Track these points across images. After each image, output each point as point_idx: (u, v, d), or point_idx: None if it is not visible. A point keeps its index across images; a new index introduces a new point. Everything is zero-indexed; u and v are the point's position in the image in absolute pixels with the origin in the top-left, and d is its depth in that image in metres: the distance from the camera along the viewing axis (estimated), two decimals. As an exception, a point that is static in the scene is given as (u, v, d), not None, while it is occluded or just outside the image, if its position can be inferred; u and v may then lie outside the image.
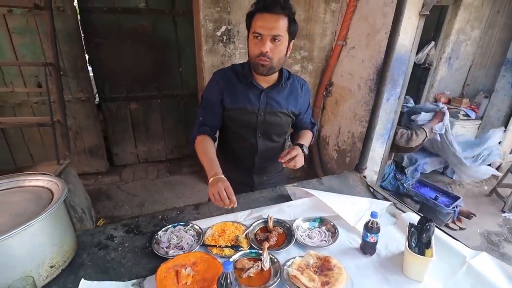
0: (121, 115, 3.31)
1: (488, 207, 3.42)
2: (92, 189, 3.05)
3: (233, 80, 1.26)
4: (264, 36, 1.08)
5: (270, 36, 1.08)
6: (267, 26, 1.06)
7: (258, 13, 1.08)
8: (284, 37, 1.11)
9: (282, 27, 1.08)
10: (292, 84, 1.31)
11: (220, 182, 1.08)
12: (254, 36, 1.10)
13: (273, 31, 1.07)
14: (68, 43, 2.72)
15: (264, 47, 1.08)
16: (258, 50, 1.10)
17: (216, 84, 1.27)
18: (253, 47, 1.12)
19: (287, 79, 1.30)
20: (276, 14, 1.06)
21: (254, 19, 1.09)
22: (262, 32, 1.07)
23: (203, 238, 1.10)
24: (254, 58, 1.13)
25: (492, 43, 3.76)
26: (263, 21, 1.06)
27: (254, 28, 1.09)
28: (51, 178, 1.07)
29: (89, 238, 1.12)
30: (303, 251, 1.08)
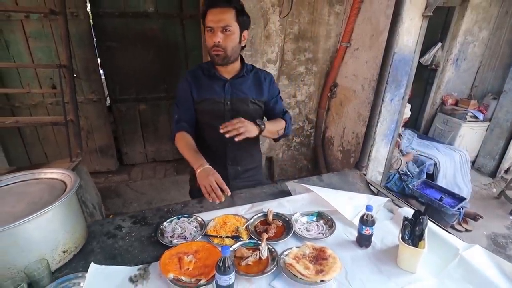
0: (131, 116, 3.41)
1: (496, 209, 3.38)
2: (102, 187, 3.15)
3: (200, 75, 1.38)
4: (215, 29, 1.19)
5: (220, 27, 1.19)
6: (215, 19, 1.18)
7: (208, 9, 1.20)
8: (234, 27, 1.21)
9: (230, 18, 1.19)
10: (255, 75, 1.42)
11: (210, 174, 1.16)
12: (207, 30, 1.22)
13: (221, 22, 1.18)
14: (81, 47, 2.84)
15: (216, 37, 1.20)
16: (211, 41, 1.21)
17: (185, 81, 1.38)
18: (207, 40, 1.23)
19: (250, 71, 1.40)
20: (222, 8, 1.18)
21: (207, 15, 1.20)
22: (212, 25, 1.19)
23: (205, 229, 1.16)
24: (210, 50, 1.24)
25: (500, 44, 3.72)
26: (212, 15, 1.19)
27: (206, 23, 1.21)
28: (65, 171, 1.15)
29: (99, 227, 1.19)
30: (300, 242, 1.13)
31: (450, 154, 3.34)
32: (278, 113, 1.48)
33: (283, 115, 1.49)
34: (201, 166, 1.20)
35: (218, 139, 1.40)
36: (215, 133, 1.39)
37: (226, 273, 0.82)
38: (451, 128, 3.86)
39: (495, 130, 3.79)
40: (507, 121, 3.64)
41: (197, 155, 1.26)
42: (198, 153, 1.27)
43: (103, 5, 2.91)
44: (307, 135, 3.41)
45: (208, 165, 1.21)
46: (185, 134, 1.34)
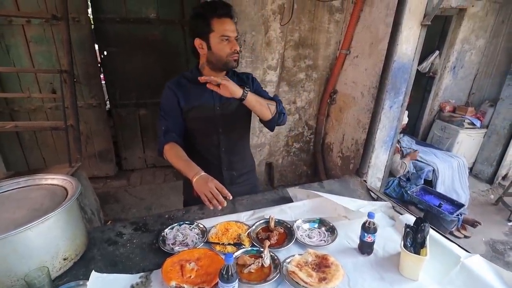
0: (131, 121, 3.41)
1: (494, 216, 3.39)
2: (101, 192, 3.13)
3: (185, 83, 1.36)
4: (232, 38, 1.23)
5: (235, 36, 1.25)
6: (232, 29, 1.23)
7: (218, 18, 1.20)
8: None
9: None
10: (238, 78, 1.43)
11: (209, 181, 1.14)
12: (223, 38, 1.22)
13: (235, 32, 1.25)
14: (82, 52, 2.85)
15: (236, 46, 1.25)
16: (230, 49, 1.24)
17: (170, 91, 1.35)
18: (224, 48, 1.24)
19: (233, 74, 1.42)
20: (232, 18, 1.24)
21: (216, 24, 1.21)
22: (231, 34, 1.23)
23: (207, 236, 1.15)
24: (228, 57, 1.25)
25: (497, 52, 3.78)
26: (228, 25, 1.22)
27: (221, 32, 1.21)
28: (66, 177, 1.15)
29: (99, 234, 1.18)
30: (302, 250, 1.12)
31: (448, 160, 3.36)
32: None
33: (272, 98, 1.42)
34: (196, 175, 1.17)
35: (211, 145, 1.42)
36: (207, 139, 1.41)
37: (230, 281, 0.82)
38: (449, 134, 3.89)
39: (492, 137, 3.82)
40: (504, 128, 3.67)
41: (191, 164, 1.23)
42: (191, 162, 1.24)
43: (105, 10, 2.93)
44: (306, 141, 3.42)
45: (204, 172, 1.19)
46: (174, 144, 1.31)
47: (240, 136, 1.48)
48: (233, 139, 1.44)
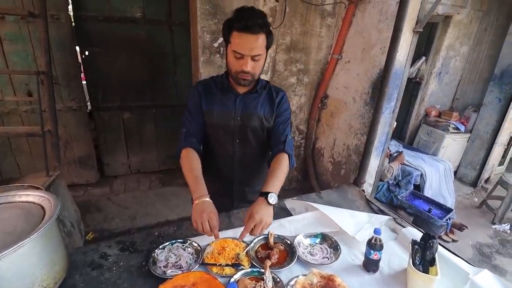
0: (114, 124, 3.24)
1: (479, 219, 3.46)
2: (81, 201, 2.95)
3: (212, 86, 1.30)
4: (245, 56, 1.10)
5: (251, 56, 1.10)
6: (247, 47, 1.08)
7: (236, 31, 1.07)
8: (262, 54, 1.14)
9: (261, 45, 1.11)
10: (269, 92, 1.32)
11: (205, 212, 1.03)
12: (234, 54, 1.11)
13: (253, 51, 1.09)
14: (61, 51, 2.68)
15: (246, 66, 1.11)
16: (239, 67, 1.13)
17: (195, 91, 1.30)
18: (234, 63, 1.14)
19: (264, 87, 1.31)
20: (255, 34, 1.07)
21: (233, 36, 1.09)
22: (243, 52, 1.09)
23: (202, 256, 1.06)
24: (236, 73, 1.16)
25: (480, 59, 3.88)
26: (244, 41, 1.08)
27: (233, 47, 1.10)
28: (43, 193, 1.03)
29: (81, 257, 1.06)
30: (305, 269, 1.06)
31: (435, 165, 3.41)
32: (278, 138, 1.29)
33: (284, 145, 1.26)
34: (199, 198, 1.07)
35: (225, 157, 1.35)
36: (223, 150, 1.34)
37: (234, 314, 0.73)
38: (435, 139, 3.96)
39: (475, 141, 3.92)
40: (487, 133, 3.78)
41: (199, 183, 1.13)
42: (201, 181, 1.14)
43: (87, 8, 2.76)
44: (297, 145, 3.37)
45: (208, 198, 1.09)
46: (192, 152, 1.24)
47: (256, 150, 1.37)
48: (249, 152, 1.35)
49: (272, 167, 1.22)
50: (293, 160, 1.29)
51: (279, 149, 1.26)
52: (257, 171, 1.42)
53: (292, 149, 1.31)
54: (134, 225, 2.72)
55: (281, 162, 1.21)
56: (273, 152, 1.29)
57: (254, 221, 1.02)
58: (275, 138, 1.30)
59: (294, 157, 1.31)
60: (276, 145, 1.28)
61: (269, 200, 1.06)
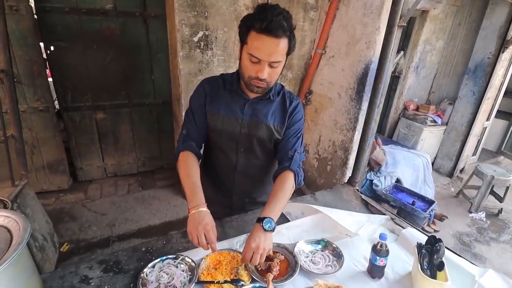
0: (86, 125, 3.01)
1: (457, 208, 3.60)
2: (53, 210, 2.72)
3: (220, 87, 1.17)
4: (262, 62, 0.96)
5: (269, 62, 0.96)
6: (266, 52, 0.94)
7: (256, 32, 0.93)
8: (282, 61, 1.00)
9: (282, 51, 0.97)
10: (282, 100, 1.18)
11: (201, 224, 0.94)
12: (250, 58, 0.97)
13: (272, 57, 0.95)
14: (23, 47, 2.41)
15: (262, 73, 0.97)
16: (254, 73, 0.99)
17: (202, 90, 1.17)
18: (248, 68, 1.00)
19: (277, 94, 1.17)
20: (277, 38, 0.93)
21: (251, 37, 0.95)
22: (261, 57, 0.95)
23: (197, 274, 0.96)
24: (249, 79, 1.02)
25: (454, 53, 4.01)
26: (263, 44, 0.94)
27: (250, 49, 0.96)
28: (9, 213, 0.88)
29: (58, 282, 0.93)
30: (309, 279, 1.00)
31: (411, 161, 3.48)
32: (285, 153, 1.17)
33: (290, 162, 1.14)
34: (196, 208, 0.97)
35: (227, 165, 1.23)
36: (225, 157, 1.22)
37: None
38: (413, 132, 4.06)
39: (451, 133, 4.07)
40: (462, 125, 3.92)
41: (196, 191, 1.03)
42: (198, 189, 1.04)
43: (50, -1, 2.51)
44: (281, 142, 3.31)
45: (205, 207, 0.99)
46: (191, 157, 1.14)
47: (261, 162, 1.25)
48: (253, 162, 1.23)
49: (274, 188, 1.12)
50: (300, 179, 1.17)
51: (284, 166, 1.15)
52: (260, 183, 1.32)
53: (300, 165, 1.19)
54: (114, 233, 2.55)
55: (284, 182, 1.11)
56: (278, 168, 1.18)
57: (250, 249, 0.94)
58: (282, 153, 1.18)
59: (303, 173, 1.19)
60: (282, 161, 1.17)
61: (265, 227, 0.98)
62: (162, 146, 3.42)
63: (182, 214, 2.85)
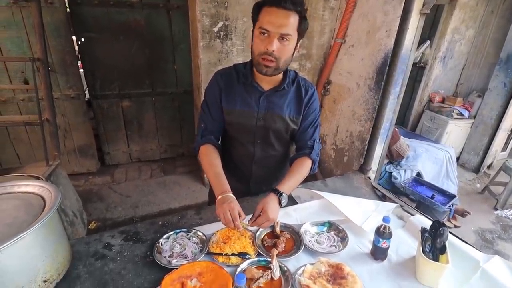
0: (113, 113, 3.19)
1: (481, 204, 3.46)
2: (83, 190, 2.94)
3: (233, 80, 1.18)
4: (272, 34, 0.98)
5: (278, 34, 0.98)
6: (276, 23, 0.96)
7: (267, 6, 0.97)
8: (293, 36, 1.01)
9: (292, 25, 0.98)
10: (297, 87, 1.20)
11: (226, 203, 1.01)
12: (260, 32, 0.99)
13: (282, 29, 0.97)
14: (57, 38, 2.60)
15: (271, 45, 0.98)
16: (263, 47, 1.00)
17: (216, 84, 1.19)
18: (258, 43, 1.02)
19: (292, 83, 1.19)
20: (287, 10, 0.96)
21: (262, 13, 0.99)
22: (270, 29, 0.97)
23: (208, 246, 1.04)
24: (258, 56, 1.03)
25: (485, 43, 3.79)
26: (272, 16, 0.96)
27: (261, 23, 0.99)
28: (43, 183, 0.99)
29: (84, 247, 1.05)
30: (313, 257, 1.04)
31: (435, 153, 3.36)
32: (305, 143, 1.22)
33: (311, 150, 1.21)
34: (222, 194, 1.05)
35: (244, 155, 1.29)
36: (242, 149, 1.28)
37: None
38: (438, 125, 3.91)
39: (479, 127, 3.88)
40: (491, 118, 3.73)
41: (221, 180, 1.10)
42: (223, 177, 1.11)
43: (81, -8, 2.66)
44: (299, 133, 3.33)
45: (230, 193, 1.06)
46: (211, 149, 1.19)
47: (278, 152, 1.30)
48: (270, 153, 1.28)
49: (293, 168, 1.19)
50: (315, 167, 1.23)
51: (304, 153, 1.21)
52: (277, 172, 1.36)
53: (319, 154, 1.25)
54: (137, 214, 2.72)
55: (303, 165, 1.19)
56: (297, 154, 1.24)
57: (267, 218, 1.03)
58: (302, 142, 1.24)
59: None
60: (303, 149, 1.23)
61: (281, 201, 1.08)
62: (183, 134, 3.55)
63: (201, 199, 2.97)
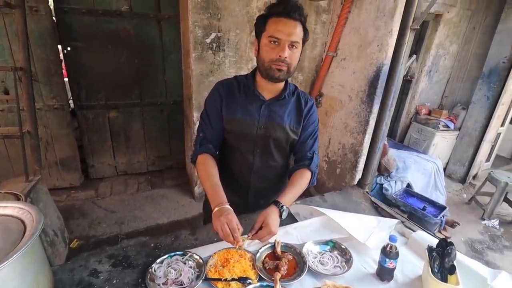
0: (99, 123, 3.07)
1: (468, 215, 3.51)
2: (64, 206, 2.78)
3: (235, 89, 1.19)
4: (282, 42, 1.02)
5: (289, 41, 1.02)
6: (286, 31, 1.02)
7: (275, 17, 1.03)
8: (299, 45, 1.07)
9: (299, 34, 1.05)
10: (297, 100, 1.22)
11: (223, 215, 0.97)
12: (270, 40, 1.04)
13: (292, 36, 1.02)
14: (41, 46, 2.49)
15: (284, 52, 1.03)
16: (275, 55, 1.04)
17: (217, 93, 1.19)
18: (269, 51, 1.05)
19: (292, 94, 1.21)
20: (294, 20, 1.02)
21: (271, 23, 1.04)
22: (281, 37, 1.02)
23: (205, 271, 0.97)
24: (270, 63, 1.06)
25: (468, 58, 3.94)
26: (282, 25, 1.02)
27: (271, 32, 1.03)
28: (23, 205, 0.90)
29: (68, 275, 0.95)
30: (317, 280, 0.99)
31: (423, 166, 3.40)
32: (305, 154, 1.22)
33: (310, 161, 1.20)
34: (218, 206, 1.01)
35: (243, 165, 1.25)
36: (241, 158, 1.24)
37: None
38: (425, 137, 3.99)
39: (464, 139, 3.98)
40: (475, 130, 3.84)
41: (218, 191, 1.07)
42: (219, 188, 1.08)
43: (69, 0, 2.58)
44: (290, 145, 3.30)
45: (227, 205, 1.02)
46: (209, 159, 1.17)
47: (278, 163, 1.27)
48: (269, 164, 1.25)
49: (293, 180, 1.17)
50: (314, 179, 1.23)
51: (304, 164, 1.21)
52: (276, 184, 1.33)
53: (318, 166, 1.25)
54: (122, 230, 2.58)
55: (303, 177, 1.19)
56: (296, 165, 1.22)
57: (269, 232, 1.00)
58: (301, 153, 1.23)
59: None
60: (302, 161, 1.22)
61: (282, 214, 1.07)
62: (172, 145, 3.45)
63: (190, 213, 2.87)
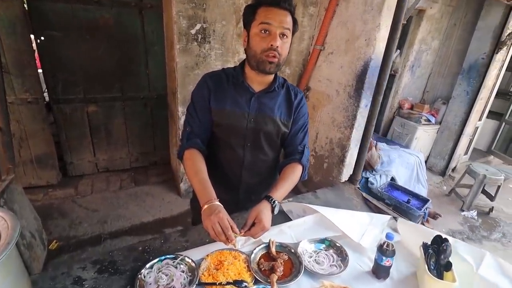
0: (77, 118, 2.91)
1: (449, 206, 3.64)
2: (41, 206, 2.63)
3: (223, 81, 1.15)
4: (273, 31, 1.00)
5: (281, 29, 1.00)
6: (277, 20, 0.99)
7: (265, 6, 1.01)
8: (289, 35, 1.05)
9: (290, 23, 1.03)
10: (286, 92, 1.20)
11: (214, 214, 0.92)
12: (261, 29, 1.01)
13: (283, 24, 1.00)
14: (12, 35, 2.31)
15: (275, 41, 1.00)
16: (267, 44, 1.01)
17: (205, 85, 1.14)
18: (260, 41, 1.02)
19: (281, 86, 1.19)
20: (284, 10, 1.01)
21: (261, 12, 1.01)
22: (273, 23, 1.00)
23: (198, 275, 0.92)
24: (261, 53, 1.02)
25: (449, 54, 4.03)
26: (273, 14, 1.00)
27: (262, 19, 1.00)
28: (-4, 211, 0.82)
29: (49, 284, 0.88)
30: (314, 280, 0.97)
31: (406, 160, 3.49)
32: (296, 148, 1.20)
33: (301, 155, 1.18)
34: (207, 203, 0.96)
35: (233, 160, 1.20)
36: (231, 153, 1.19)
37: None
38: (408, 130, 4.08)
39: (444, 133, 4.11)
40: (455, 124, 3.96)
41: (207, 187, 1.01)
42: (208, 184, 1.02)
43: (40, -15, 2.40)
44: (277, 139, 3.28)
45: (217, 201, 0.97)
46: (196, 153, 1.11)
47: (268, 157, 1.24)
48: (260, 158, 1.21)
49: (285, 174, 1.14)
50: (305, 174, 1.20)
51: (295, 158, 1.18)
52: (266, 179, 1.29)
53: (308, 160, 1.22)
54: (105, 230, 2.48)
55: (294, 171, 1.16)
56: (287, 160, 1.19)
57: (262, 228, 0.96)
58: (292, 147, 1.21)
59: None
60: (293, 154, 1.20)
61: (274, 210, 1.04)
62: (156, 141, 3.34)
63: (176, 211, 2.80)
